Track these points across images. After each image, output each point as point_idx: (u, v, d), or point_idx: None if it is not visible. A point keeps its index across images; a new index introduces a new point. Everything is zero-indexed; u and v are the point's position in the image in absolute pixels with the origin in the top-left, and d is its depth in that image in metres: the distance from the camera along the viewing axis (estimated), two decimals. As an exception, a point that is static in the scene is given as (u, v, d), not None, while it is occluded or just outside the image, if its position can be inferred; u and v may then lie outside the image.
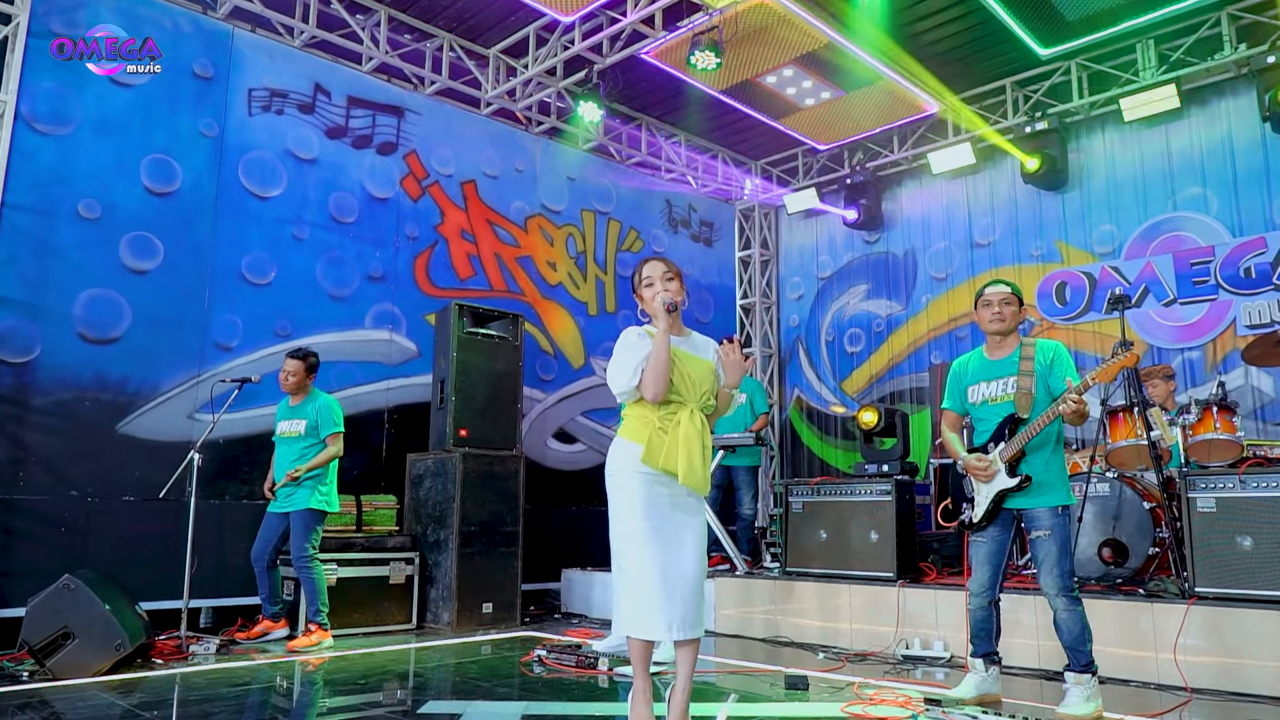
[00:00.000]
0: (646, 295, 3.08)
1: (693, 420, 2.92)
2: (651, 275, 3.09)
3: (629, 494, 2.95)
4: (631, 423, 3.02)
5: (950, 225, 8.88)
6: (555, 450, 8.06)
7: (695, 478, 2.89)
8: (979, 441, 3.86)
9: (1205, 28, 7.17)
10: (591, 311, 8.53)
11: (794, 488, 6.11)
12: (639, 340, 3.00)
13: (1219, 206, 7.24)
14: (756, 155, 10.07)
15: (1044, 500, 3.64)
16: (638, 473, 2.92)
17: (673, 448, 2.88)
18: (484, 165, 7.83)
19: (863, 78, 7.64)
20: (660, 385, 2.89)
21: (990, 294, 3.85)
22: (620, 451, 3.01)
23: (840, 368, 9.57)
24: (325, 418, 5.46)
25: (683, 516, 2.97)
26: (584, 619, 6.81)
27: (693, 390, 2.97)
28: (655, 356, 2.90)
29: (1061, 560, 3.60)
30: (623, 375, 2.95)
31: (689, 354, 3.04)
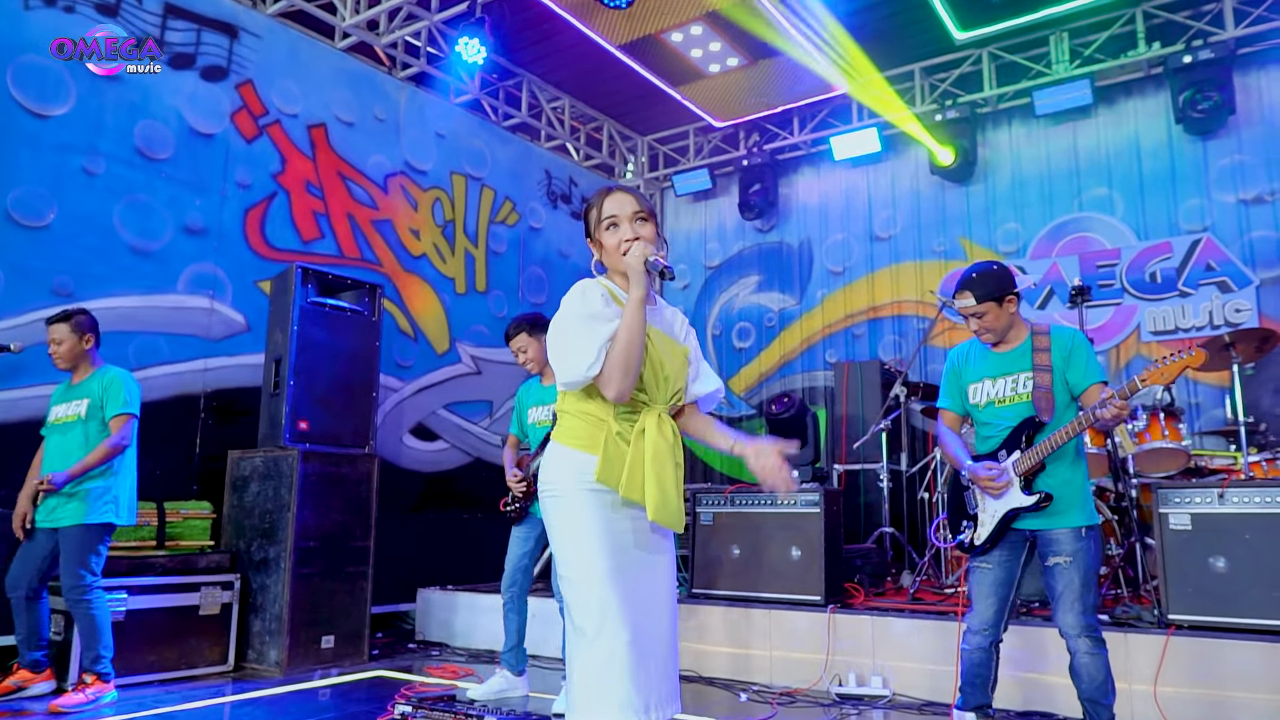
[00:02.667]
0: (609, 242, 2.19)
1: (661, 430, 2.10)
2: (617, 214, 2.19)
3: (580, 523, 2.09)
4: (574, 422, 2.17)
5: (849, 216, 8.38)
6: (413, 448, 6.90)
7: (669, 511, 2.07)
8: (984, 449, 3.17)
9: (1119, 24, 6.97)
10: (459, 289, 7.42)
11: (703, 497, 5.30)
12: (603, 306, 2.12)
13: (1125, 209, 7.07)
14: (645, 129, 9.25)
15: (1064, 521, 2.97)
16: (589, 492, 2.09)
17: (637, 469, 2.07)
18: (337, 108, 6.57)
19: (774, 45, 6.96)
20: (631, 380, 2.06)
21: (959, 308, 3.17)
22: (562, 464, 2.16)
23: (728, 364, 8.90)
24: (112, 395, 4.13)
25: (652, 556, 2.15)
26: (446, 649, 5.74)
27: (664, 385, 2.15)
28: (626, 338, 2.04)
29: (1085, 594, 2.94)
30: (580, 359, 2.05)
31: (662, 335, 2.21)
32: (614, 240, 2.18)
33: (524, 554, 4.24)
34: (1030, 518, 2.99)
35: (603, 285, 2.22)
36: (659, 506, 2.05)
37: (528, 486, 4.13)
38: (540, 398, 4.27)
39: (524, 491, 4.14)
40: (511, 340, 4.24)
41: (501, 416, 7.59)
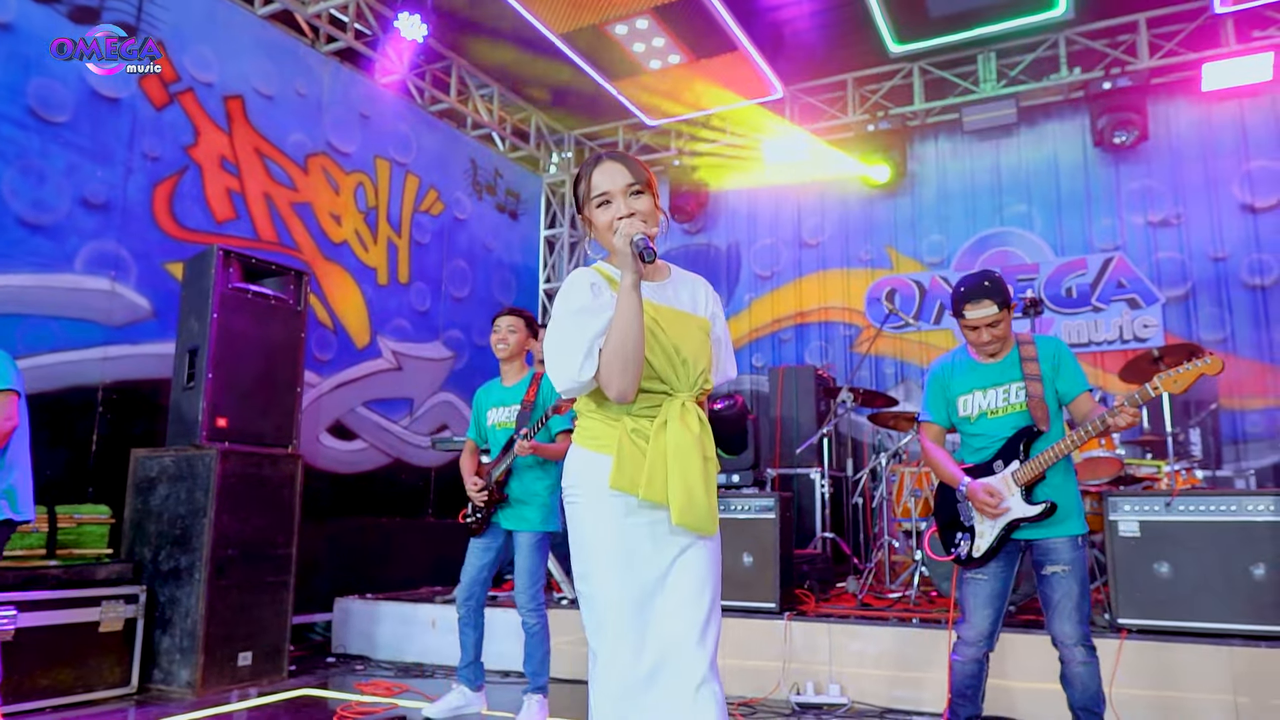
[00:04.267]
0: (601, 220, 1.97)
1: (685, 420, 1.89)
2: (608, 187, 1.96)
3: (595, 535, 1.92)
4: (590, 423, 2.01)
5: (778, 222, 8.42)
6: (330, 448, 6.46)
7: (696, 513, 1.86)
8: (976, 460, 3.13)
9: (1044, 48, 7.24)
10: (381, 280, 7.01)
11: (651, 501, 5.14)
12: (593, 297, 1.93)
13: (1043, 225, 7.35)
14: (574, 124, 9.03)
15: (1062, 529, 2.96)
16: (607, 498, 1.91)
17: (657, 466, 1.86)
18: (256, 80, 6.08)
19: (718, 44, 6.89)
20: (631, 377, 1.85)
21: (973, 318, 3.10)
22: (579, 466, 1.99)
23: (651, 366, 8.77)
24: None
25: (681, 563, 1.91)
26: (369, 663, 5.37)
27: (683, 370, 1.94)
28: (619, 331, 1.83)
29: (1082, 603, 2.94)
30: (569, 362, 1.87)
31: (674, 311, 2.00)
32: (606, 219, 1.95)
33: (483, 565, 3.96)
34: (1029, 527, 2.98)
35: (597, 272, 2.02)
36: (684, 507, 1.84)
37: (490, 496, 3.86)
38: (501, 398, 4.02)
39: (486, 502, 3.87)
40: (501, 317, 3.98)
41: (423, 415, 7.23)
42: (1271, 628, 3.78)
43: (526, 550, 3.82)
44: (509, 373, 4.02)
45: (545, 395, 3.90)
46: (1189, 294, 6.82)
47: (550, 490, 3.88)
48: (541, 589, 3.85)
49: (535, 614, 3.81)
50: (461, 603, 3.92)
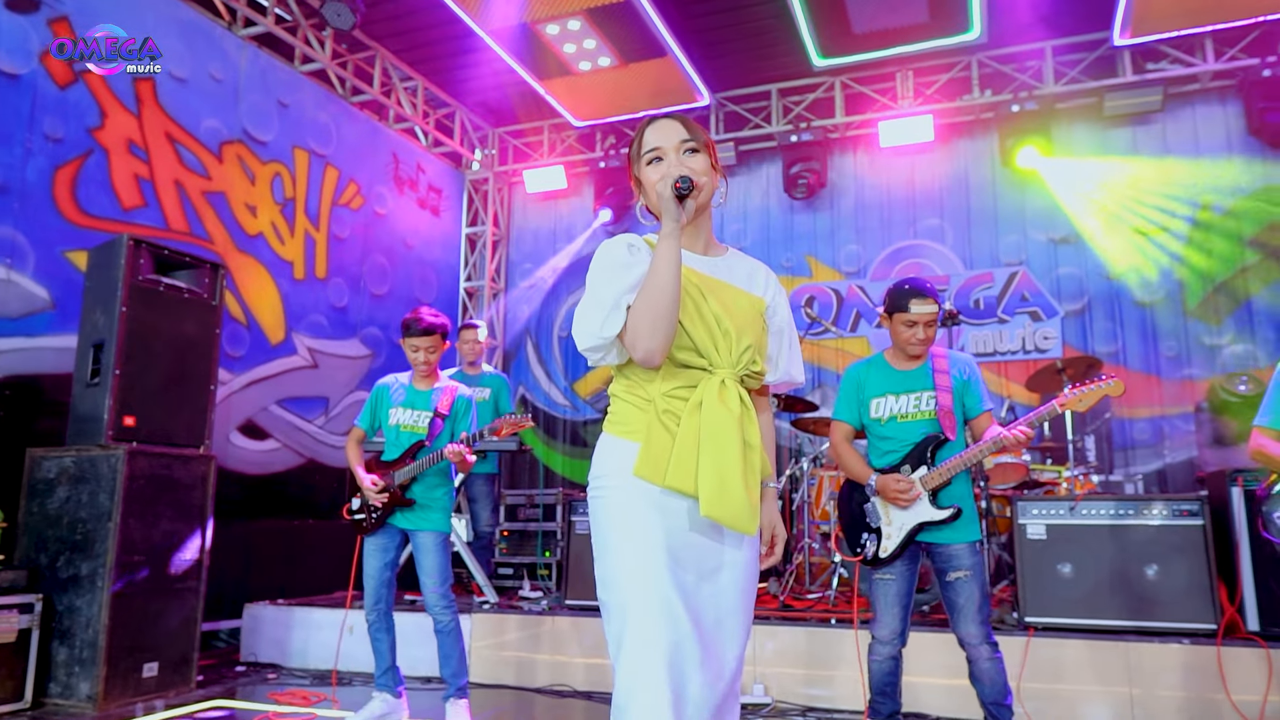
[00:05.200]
0: (651, 178, 1.83)
1: (724, 398, 1.70)
2: (660, 143, 1.83)
3: (621, 519, 1.72)
4: (621, 406, 1.83)
5: (701, 227, 8.50)
6: (241, 447, 6.22)
7: (730, 504, 1.63)
8: (883, 463, 3.26)
9: (958, 69, 7.55)
10: (297, 275, 6.79)
11: (579, 504, 5.15)
12: (629, 255, 1.77)
13: (954, 239, 7.66)
14: (498, 121, 8.93)
15: (963, 535, 3.12)
16: (636, 491, 1.71)
17: (686, 450, 1.66)
18: (168, 61, 5.79)
19: (649, 49, 6.93)
20: (661, 336, 1.66)
21: (917, 313, 3.24)
22: (607, 456, 1.80)
23: (573, 367, 8.76)
24: None
25: (715, 562, 1.73)
26: (282, 671, 5.20)
27: (726, 344, 1.76)
28: (653, 280, 1.66)
29: (984, 605, 3.11)
30: (592, 317, 1.70)
31: (722, 283, 1.84)
32: (656, 175, 1.80)
33: (384, 566, 3.88)
34: (932, 531, 3.11)
35: (641, 240, 1.85)
36: (715, 497, 1.62)
37: (391, 498, 3.80)
38: (411, 400, 3.94)
39: (384, 504, 3.81)
40: (417, 338, 3.89)
41: (339, 414, 7.03)
42: (1162, 624, 4.04)
43: (431, 549, 3.81)
44: (421, 379, 3.98)
45: (459, 409, 3.91)
46: (1085, 309, 7.22)
47: (448, 494, 3.93)
48: (450, 586, 3.84)
49: (447, 610, 3.80)
50: (370, 608, 3.85)
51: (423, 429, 3.86)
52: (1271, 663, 3.76)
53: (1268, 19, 6.61)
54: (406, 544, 4.01)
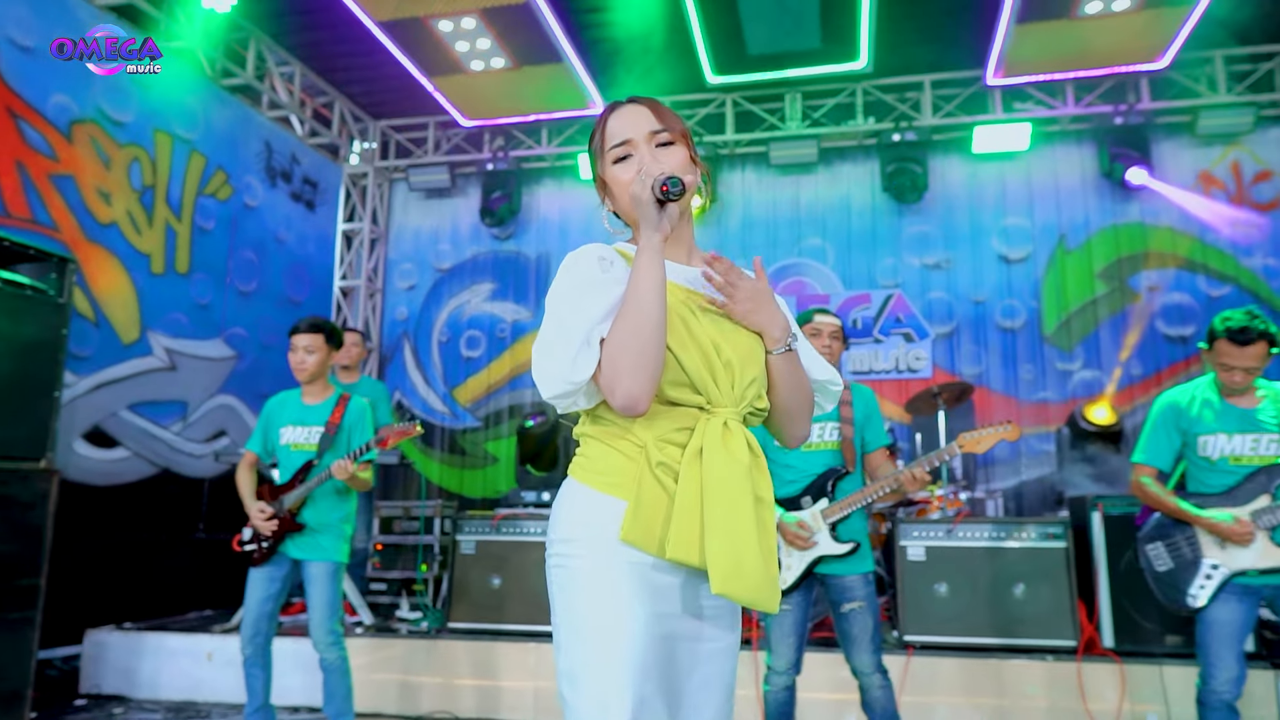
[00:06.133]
0: (621, 178, 1.53)
1: (730, 446, 1.40)
2: (629, 134, 1.53)
3: (593, 605, 1.41)
4: (596, 448, 1.50)
5: (590, 234, 8.39)
6: (85, 456, 5.67)
7: (749, 579, 1.35)
8: (785, 493, 3.28)
9: (843, 95, 7.79)
10: (155, 269, 6.26)
11: (464, 524, 4.97)
12: (601, 271, 1.46)
13: (835, 259, 7.90)
14: (381, 114, 8.56)
15: (858, 567, 3.18)
16: (619, 562, 1.41)
17: (689, 514, 1.37)
18: (11, 28, 5.22)
19: (545, 53, 6.80)
20: (646, 376, 1.36)
21: (821, 323, 3.31)
22: (582, 512, 1.47)
23: (452, 373, 8.50)
24: None
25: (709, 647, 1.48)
26: (129, 704, 4.78)
27: (727, 376, 1.46)
28: (633, 307, 1.36)
29: (876, 635, 3.18)
30: (559, 355, 1.38)
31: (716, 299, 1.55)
32: (628, 175, 1.50)
33: (268, 598, 3.62)
34: (828, 563, 3.16)
35: (614, 250, 1.55)
36: (729, 571, 1.33)
37: (281, 525, 3.55)
38: (300, 416, 3.70)
39: (274, 532, 3.55)
40: (298, 335, 3.65)
41: (199, 420, 6.53)
42: (1029, 641, 4.27)
43: (322, 581, 3.57)
44: (312, 390, 3.74)
45: (352, 420, 3.68)
46: (954, 331, 7.60)
47: (345, 519, 3.68)
48: (340, 621, 3.61)
49: (334, 648, 3.56)
50: (247, 641, 3.57)
51: (313, 446, 3.62)
52: (1124, 676, 4.05)
53: (1122, 70, 7.16)
54: (297, 577, 3.72)
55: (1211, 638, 2.92)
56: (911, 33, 6.67)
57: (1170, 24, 6.41)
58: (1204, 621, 2.95)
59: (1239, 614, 2.90)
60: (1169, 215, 7.41)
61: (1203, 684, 2.95)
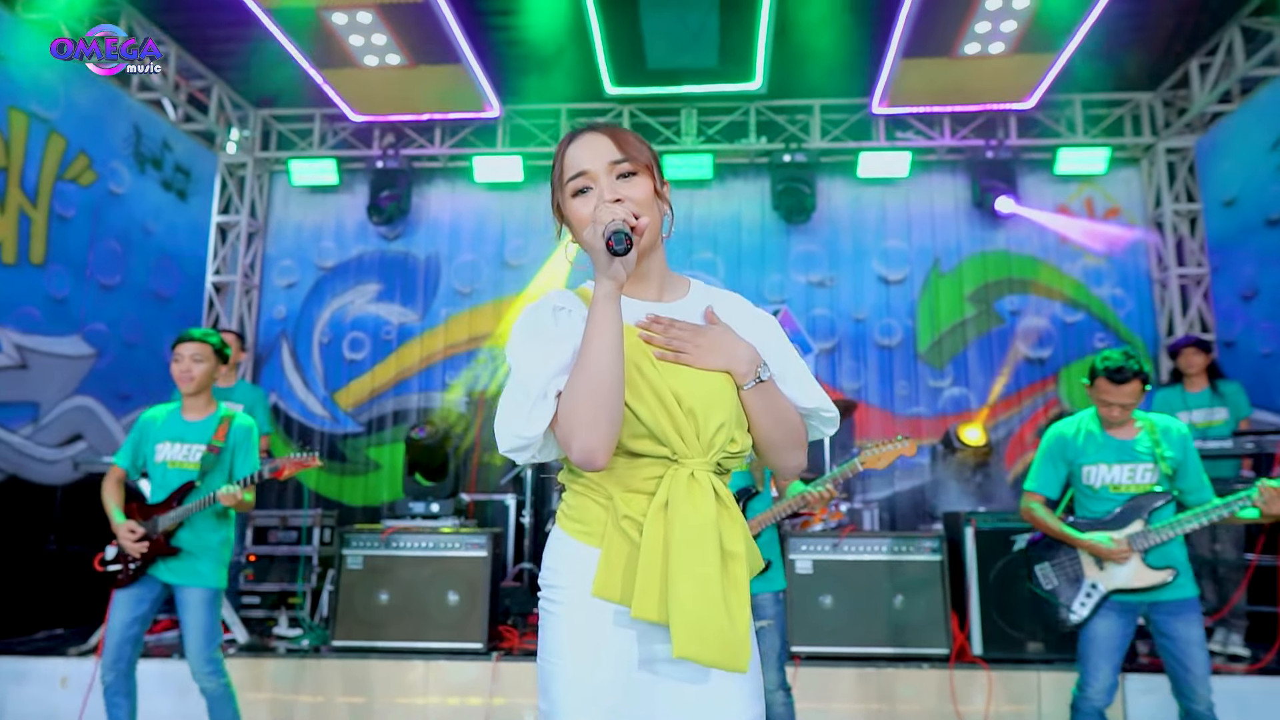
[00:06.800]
0: (579, 213, 1.47)
1: (694, 499, 1.38)
2: (587, 165, 1.47)
3: (572, 646, 1.42)
4: (576, 500, 1.50)
5: (482, 238, 8.31)
6: (-81, 463, 5.15)
7: (708, 639, 1.32)
8: None
9: (737, 114, 7.98)
10: (6, 258, 5.75)
11: (351, 538, 4.80)
12: (564, 320, 1.46)
13: (725, 274, 8.08)
14: (263, 102, 8.15)
15: (769, 585, 3.28)
16: (590, 608, 1.42)
17: (653, 567, 1.36)
18: None
19: (442, 53, 6.65)
20: (602, 432, 1.34)
21: None
22: (565, 560, 1.47)
23: (334, 375, 8.19)
24: None
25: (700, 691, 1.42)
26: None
27: (691, 426, 1.43)
28: (586, 360, 1.34)
29: (783, 652, 3.29)
30: (513, 411, 1.38)
31: None
32: (584, 211, 1.45)
33: (134, 621, 3.40)
34: None
35: (576, 295, 1.52)
36: (690, 632, 1.30)
37: (152, 547, 3.34)
38: (180, 433, 3.48)
39: (143, 554, 3.33)
40: (185, 344, 3.44)
41: (51, 423, 6.04)
42: (907, 650, 4.48)
43: (199, 608, 3.38)
44: (193, 406, 3.51)
45: (236, 440, 3.49)
46: (836, 347, 7.91)
47: (224, 543, 3.50)
48: (219, 648, 3.43)
49: (214, 677, 3.38)
50: (109, 667, 3.33)
51: (194, 465, 3.41)
52: (991, 681, 4.32)
53: (994, 108, 7.64)
54: (166, 597, 3.48)
55: (1091, 650, 3.16)
56: (805, 58, 6.90)
57: (1038, 69, 6.89)
58: (1084, 635, 3.19)
59: (1116, 629, 3.14)
60: (1031, 245, 7.97)
61: (1079, 691, 3.18)
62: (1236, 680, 4.23)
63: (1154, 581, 3.07)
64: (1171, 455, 3.14)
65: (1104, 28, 6.34)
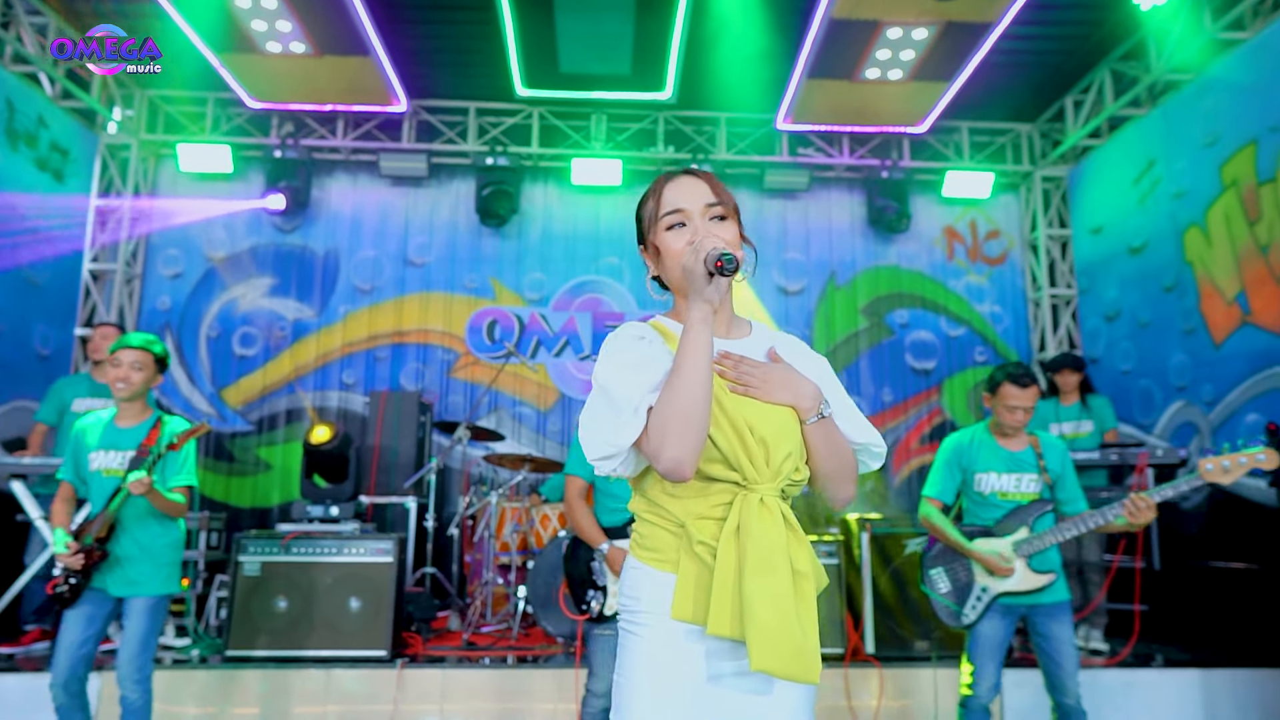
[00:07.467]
0: (672, 247, 1.59)
1: (765, 522, 1.47)
2: (684, 204, 1.60)
3: (651, 675, 1.51)
4: (648, 529, 1.60)
5: (384, 235, 8.13)
6: None
7: (788, 654, 1.41)
8: (610, 522, 3.40)
9: (646, 122, 8.09)
10: None
11: (248, 543, 4.63)
12: (647, 348, 1.57)
13: (631, 279, 8.17)
14: (149, 81, 7.72)
15: None
16: (670, 628, 1.52)
17: (727, 587, 1.45)
18: None
19: (350, 44, 6.49)
20: (691, 442, 1.43)
21: None
22: (642, 586, 1.58)
23: (222, 371, 7.84)
24: None
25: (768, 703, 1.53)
26: None
27: (762, 453, 1.52)
28: (682, 376, 1.44)
29: None
30: (607, 422, 1.48)
31: None
32: (679, 244, 1.57)
33: (86, 640, 3.26)
34: None
35: (652, 327, 1.63)
36: (769, 646, 1.40)
37: (86, 559, 3.18)
38: (113, 440, 3.34)
39: (83, 565, 3.17)
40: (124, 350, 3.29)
41: (-94, 418, 5.57)
42: (365, 652, 4.41)
43: (140, 615, 3.27)
44: (128, 412, 3.38)
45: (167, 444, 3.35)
46: (736, 355, 8.11)
47: (173, 547, 3.39)
48: (151, 659, 3.31)
49: (139, 687, 3.26)
50: (59, 687, 3.19)
51: (124, 472, 3.26)
52: (883, 678, 4.56)
53: (889, 131, 8.02)
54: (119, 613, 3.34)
55: (979, 650, 3.39)
56: (715, 72, 7.07)
57: (931, 96, 7.28)
58: (973, 636, 3.42)
59: (1001, 629, 3.39)
60: (919, 261, 8.40)
61: (969, 691, 3.41)
62: (1097, 672, 4.60)
63: (1037, 585, 3.33)
64: (1053, 467, 3.41)
65: (992, 61, 6.76)
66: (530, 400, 7.92)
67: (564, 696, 4.31)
